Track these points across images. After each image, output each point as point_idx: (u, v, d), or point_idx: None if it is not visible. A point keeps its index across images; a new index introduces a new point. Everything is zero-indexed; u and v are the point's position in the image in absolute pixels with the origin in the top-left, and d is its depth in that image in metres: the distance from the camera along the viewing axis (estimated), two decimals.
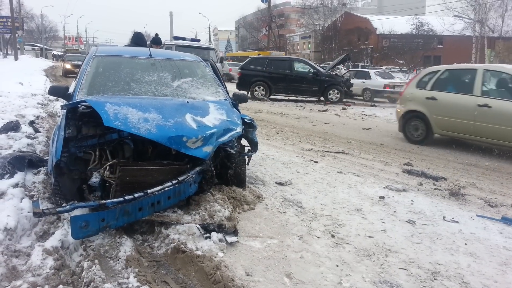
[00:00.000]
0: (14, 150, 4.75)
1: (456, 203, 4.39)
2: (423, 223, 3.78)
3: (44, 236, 3.04)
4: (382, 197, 4.41)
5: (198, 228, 3.15)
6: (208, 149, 3.51)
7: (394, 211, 4.03)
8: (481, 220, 3.91)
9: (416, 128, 7.87)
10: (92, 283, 2.45)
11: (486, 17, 33.63)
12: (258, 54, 28.67)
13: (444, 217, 3.94)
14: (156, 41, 7.35)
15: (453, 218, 3.91)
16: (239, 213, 3.74)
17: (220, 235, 3.14)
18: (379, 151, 6.98)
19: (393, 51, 41.24)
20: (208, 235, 3.12)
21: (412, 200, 4.38)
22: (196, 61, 5.20)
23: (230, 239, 3.16)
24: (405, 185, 4.94)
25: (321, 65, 23.30)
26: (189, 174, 3.42)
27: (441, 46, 46.76)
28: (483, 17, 33.12)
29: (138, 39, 6.73)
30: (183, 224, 3.20)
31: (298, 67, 16.50)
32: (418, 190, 4.81)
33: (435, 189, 4.87)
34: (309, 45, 66.29)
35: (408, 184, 5.00)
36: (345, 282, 2.72)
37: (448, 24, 35.23)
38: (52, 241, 2.83)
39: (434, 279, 2.81)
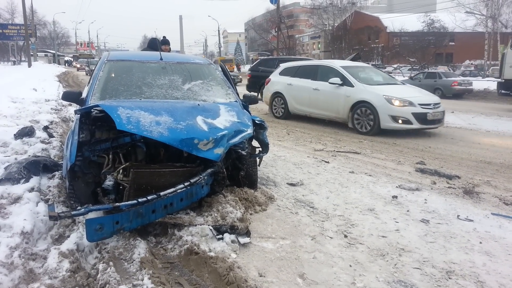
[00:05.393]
0: (29, 155, 4.84)
1: (470, 202, 4.34)
2: (437, 222, 3.74)
3: (59, 239, 3.09)
4: (395, 197, 4.38)
5: (210, 229, 3.17)
6: (220, 151, 3.53)
7: (408, 211, 4.00)
8: (496, 218, 3.86)
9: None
10: (107, 285, 2.49)
11: (499, 12, 33.12)
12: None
13: (458, 215, 3.89)
14: (165, 42, 7.79)
15: (467, 217, 3.86)
16: (251, 214, 3.75)
17: (233, 236, 3.16)
18: (391, 150, 6.92)
19: (404, 49, 40.82)
20: (220, 236, 3.14)
21: (425, 199, 4.34)
22: (206, 64, 5.24)
23: (243, 240, 3.17)
24: (418, 184, 4.89)
25: None
26: (201, 176, 3.44)
27: (452, 43, 46.22)
28: (495, 12, 32.62)
29: (153, 44, 7.14)
30: (195, 225, 3.23)
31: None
32: (432, 189, 4.76)
33: (448, 187, 4.82)
34: (319, 45, 66.17)
35: (421, 183, 4.95)
36: (359, 282, 2.71)
37: (459, 21, 34.80)
38: (68, 244, 2.88)
39: (449, 278, 2.78)
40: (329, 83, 9.03)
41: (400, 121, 7.98)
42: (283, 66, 11.26)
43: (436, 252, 3.15)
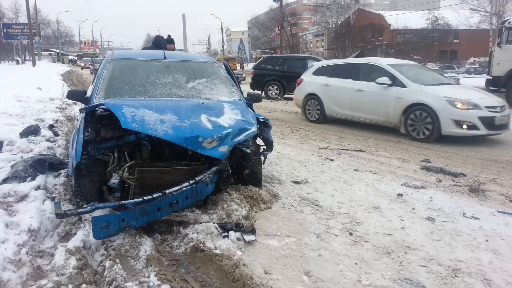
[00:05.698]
0: (35, 154, 4.87)
1: (476, 199, 4.32)
2: (442, 220, 3.73)
3: (66, 236, 3.11)
4: (400, 195, 4.37)
5: (216, 227, 3.17)
6: (224, 149, 3.53)
7: (413, 208, 3.99)
8: (502, 216, 3.84)
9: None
10: (114, 282, 2.50)
11: (504, 9, 32.93)
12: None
13: (464, 213, 3.88)
14: (170, 41, 7.75)
15: (473, 215, 3.85)
16: (256, 212, 3.76)
17: (238, 234, 3.16)
18: (396, 148, 6.90)
19: (408, 47, 40.70)
20: (226, 234, 3.14)
21: (431, 197, 4.33)
22: (210, 62, 5.24)
23: (248, 238, 3.17)
24: (423, 182, 4.88)
25: None
26: (206, 174, 3.45)
27: (457, 41, 45.99)
28: (500, 9, 32.43)
29: (158, 43, 7.08)
30: (201, 223, 3.24)
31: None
32: (437, 186, 4.74)
33: (454, 185, 4.80)
34: (322, 43, 66.02)
35: (427, 181, 4.94)
36: (364, 280, 2.71)
37: (463, 18, 34.61)
38: (74, 242, 2.89)
39: (455, 276, 2.77)
40: (377, 83, 8.02)
41: (464, 126, 7.00)
42: (317, 65, 10.30)
43: (442, 250, 3.14)
